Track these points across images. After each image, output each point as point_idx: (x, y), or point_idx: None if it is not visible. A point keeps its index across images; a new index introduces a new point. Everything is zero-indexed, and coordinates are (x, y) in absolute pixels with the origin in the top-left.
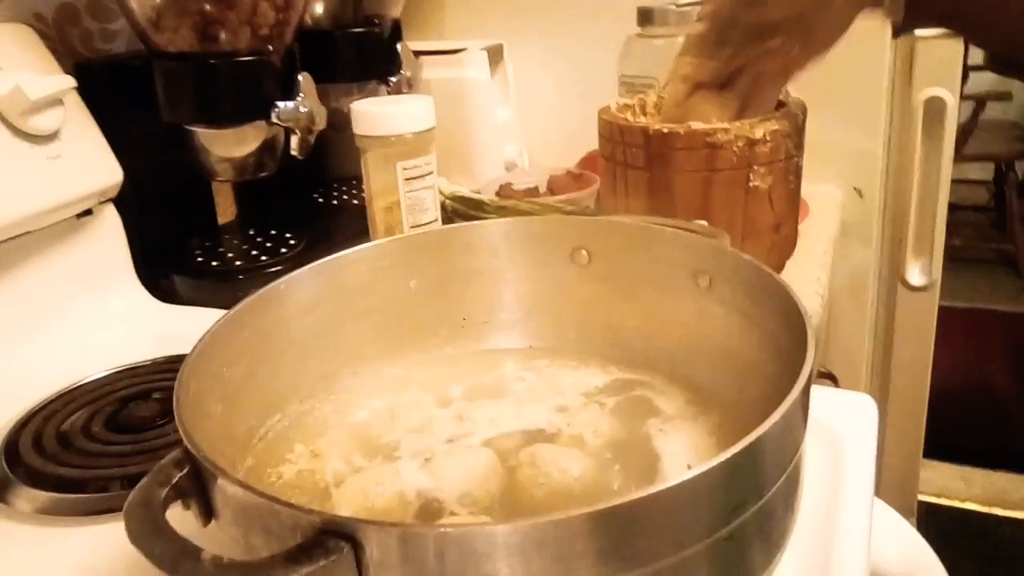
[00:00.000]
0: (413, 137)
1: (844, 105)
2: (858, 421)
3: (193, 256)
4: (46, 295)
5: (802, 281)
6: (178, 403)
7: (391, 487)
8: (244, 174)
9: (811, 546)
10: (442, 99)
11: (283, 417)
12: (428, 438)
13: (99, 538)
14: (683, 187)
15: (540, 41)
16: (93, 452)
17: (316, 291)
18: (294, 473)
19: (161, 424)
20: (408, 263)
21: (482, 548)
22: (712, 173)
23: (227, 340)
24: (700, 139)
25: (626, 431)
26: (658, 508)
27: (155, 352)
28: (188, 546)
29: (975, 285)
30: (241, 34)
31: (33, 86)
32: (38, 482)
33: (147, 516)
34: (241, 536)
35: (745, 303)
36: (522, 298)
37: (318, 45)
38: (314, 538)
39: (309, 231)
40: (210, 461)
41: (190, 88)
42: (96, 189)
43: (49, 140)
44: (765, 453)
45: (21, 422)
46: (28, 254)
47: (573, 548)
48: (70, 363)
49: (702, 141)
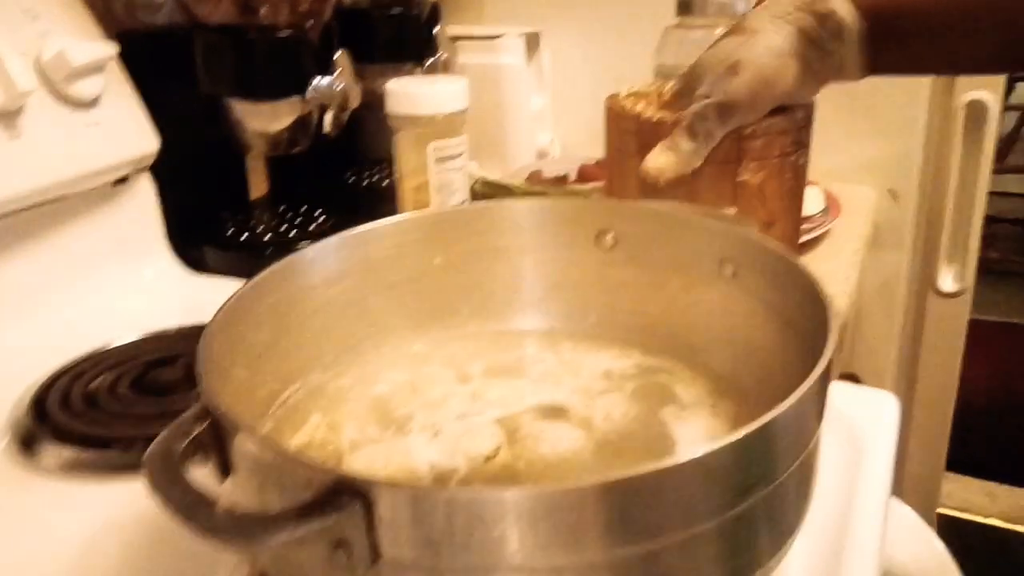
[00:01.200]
0: (445, 118)
1: (883, 105)
2: (879, 418)
3: (224, 228)
4: (79, 260)
5: (830, 280)
6: (200, 360)
7: (399, 458)
8: (277, 149)
9: (823, 537)
10: (477, 84)
11: (303, 384)
12: (442, 412)
13: (121, 495)
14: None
15: (577, 29)
16: (118, 412)
17: (341, 262)
18: (309, 439)
19: (185, 389)
20: (434, 239)
21: (491, 513)
22: (700, 165)
23: (252, 304)
24: None
25: (643, 416)
26: (669, 483)
27: (183, 320)
28: (204, 497)
29: (1010, 299)
30: (281, 9)
31: (76, 52)
32: (64, 438)
33: (165, 466)
34: (256, 491)
35: (770, 292)
36: (546, 279)
37: (356, 25)
38: (326, 494)
39: (339, 210)
40: (229, 416)
41: (229, 61)
42: (133, 157)
43: (89, 106)
44: (779, 436)
45: (50, 380)
46: (64, 219)
47: (582, 518)
48: (100, 327)
49: None
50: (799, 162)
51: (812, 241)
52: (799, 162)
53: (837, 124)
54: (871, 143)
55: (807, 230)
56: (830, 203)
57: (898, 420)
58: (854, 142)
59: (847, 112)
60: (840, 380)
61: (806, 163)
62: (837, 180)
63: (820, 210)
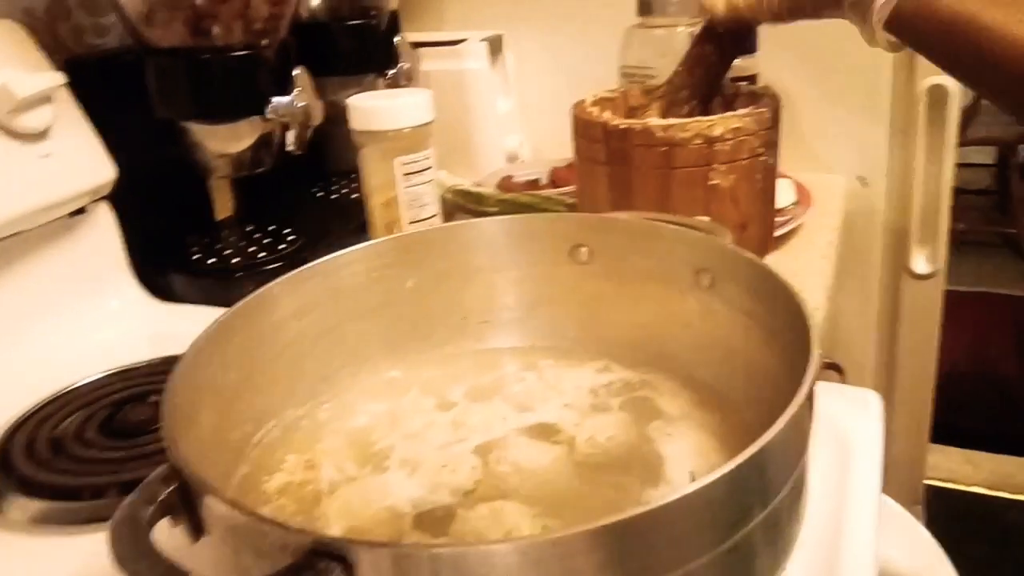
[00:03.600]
0: (411, 131)
1: (847, 95)
2: (864, 418)
3: (191, 254)
4: (40, 295)
5: (806, 271)
6: (165, 416)
7: (379, 498)
8: (241, 170)
9: (818, 546)
10: (442, 91)
11: (279, 422)
12: (422, 444)
13: (94, 547)
14: (642, 184)
15: (540, 31)
16: (87, 459)
17: (310, 293)
18: (287, 482)
19: (157, 428)
20: (404, 263)
21: (477, 568)
22: (671, 170)
23: (218, 347)
24: (657, 136)
25: (630, 434)
26: (660, 522)
27: (152, 352)
28: (174, 570)
29: (979, 269)
30: (234, 28)
31: (21, 84)
32: (31, 490)
33: (132, 536)
34: (231, 555)
35: (748, 301)
36: (522, 296)
37: (314, 38)
38: (304, 558)
39: (309, 227)
40: (197, 477)
41: (183, 84)
42: (88, 187)
43: (39, 138)
44: (769, 462)
45: (13, 427)
46: (21, 254)
47: (573, 565)
48: (66, 365)
49: (659, 138)
50: (769, 162)
51: (786, 234)
52: (769, 162)
53: (804, 115)
54: (838, 131)
55: (780, 223)
56: (801, 194)
57: (882, 419)
58: (821, 132)
59: (813, 102)
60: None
61: (775, 162)
62: (806, 170)
63: (792, 202)
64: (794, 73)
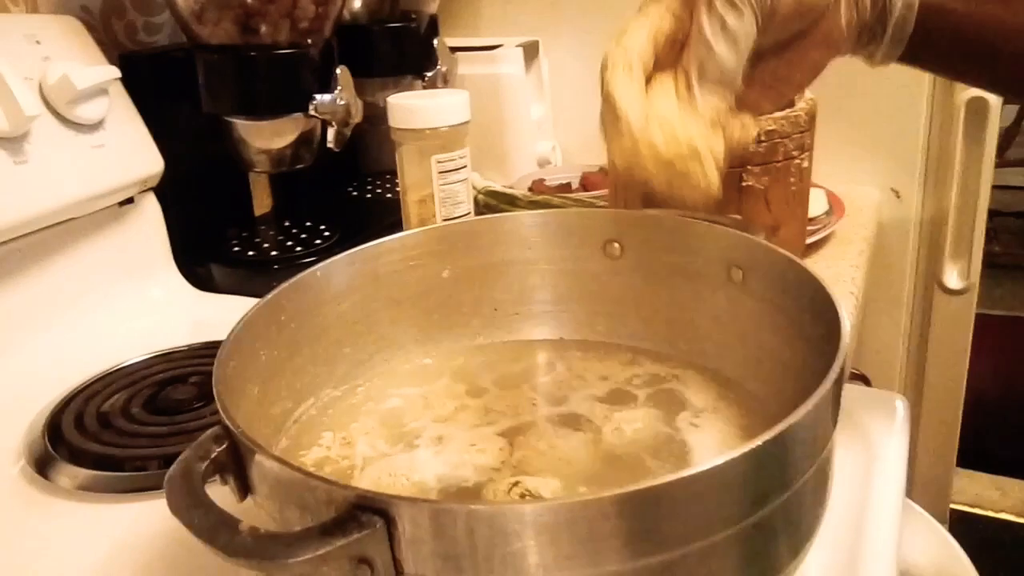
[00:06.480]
0: (448, 130)
1: (883, 104)
2: (889, 420)
3: (230, 246)
4: (88, 281)
5: (837, 281)
6: (217, 381)
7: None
8: (281, 166)
9: (839, 543)
10: (477, 95)
11: (316, 401)
12: (452, 425)
13: (135, 515)
14: None
15: (575, 37)
16: (131, 432)
17: (350, 279)
18: (323, 456)
19: (197, 407)
20: (441, 253)
21: (511, 526)
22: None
23: (264, 324)
24: None
25: (656, 424)
26: (686, 493)
27: (192, 338)
28: (226, 517)
29: (1014, 293)
30: (281, 27)
31: (80, 76)
32: (79, 460)
33: (187, 488)
34: (276, 510)
35: (778, 297)
36: (554, 290)
37: (355, 40)
38: (348, 512)
39: (343, 224)
40: (247, 437)
41: (230, 80)
42: (138, 178)
43: (94, 129)
44: (795, 443)
45: (63, 402)
46: (72, 241)
47: (602, 529)
48: (110, 347)
49: None
50: (803, 165)
51: (817, 243)
52: (803, 165)
53: (839, 125)
54: (873, 143)
55: (812, 232)
56: (834, 204)
57: (908, 422)
58: (856, 142)
59: (848, 113)
60: (849, 381)
61: (809, 166)
62: (840, 182)
63: (824, 211)
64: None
